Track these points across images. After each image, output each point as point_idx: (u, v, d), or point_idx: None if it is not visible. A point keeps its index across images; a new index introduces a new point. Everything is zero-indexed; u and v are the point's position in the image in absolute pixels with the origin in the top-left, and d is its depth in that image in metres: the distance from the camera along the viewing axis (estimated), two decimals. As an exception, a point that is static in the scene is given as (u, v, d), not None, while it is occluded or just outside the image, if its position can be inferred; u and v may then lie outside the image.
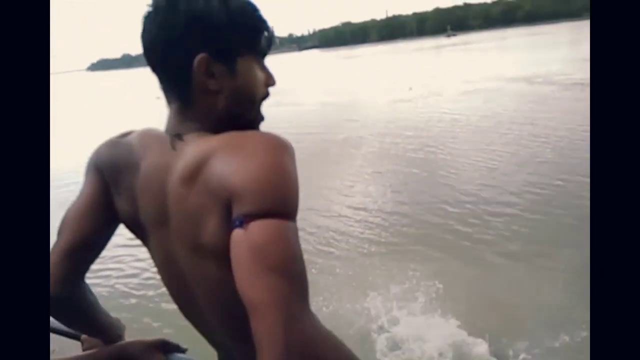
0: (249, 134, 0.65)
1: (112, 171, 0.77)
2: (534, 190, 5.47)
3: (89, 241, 0.79)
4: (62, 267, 0.77)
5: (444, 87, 15.81)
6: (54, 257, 0.77)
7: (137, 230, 0.79)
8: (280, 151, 0.61)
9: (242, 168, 0.59)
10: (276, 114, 11.29)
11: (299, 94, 18.21)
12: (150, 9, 0.69)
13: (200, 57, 0.67)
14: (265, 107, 0.76)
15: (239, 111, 0.72)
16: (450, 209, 5.20)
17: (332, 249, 4.56)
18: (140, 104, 21.10)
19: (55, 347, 1.06)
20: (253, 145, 0.61)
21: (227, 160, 0.61)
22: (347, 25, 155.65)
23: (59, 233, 0.79)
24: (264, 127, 0.76)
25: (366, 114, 12.13)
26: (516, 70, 17.97)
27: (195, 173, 0.64)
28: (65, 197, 1.18)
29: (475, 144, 7.85)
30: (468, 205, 5.24)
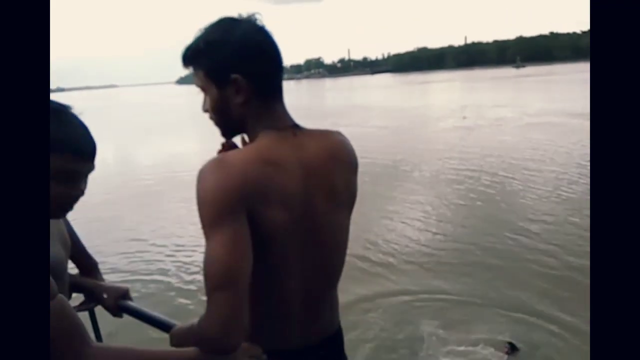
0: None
1: (260, 193, 0.81)
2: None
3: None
4: (243, 316, 0.76)
5: (503, 118, 15.59)
6: (236, 312, 0.75)
7: (275, 227, 0.83)
8: None
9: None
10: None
11: (356, 116, 18.85)
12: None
13: None
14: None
15: None
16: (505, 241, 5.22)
17: (389, 259, 5.01)
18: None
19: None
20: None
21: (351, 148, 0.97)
22: (423, 50, 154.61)
23: (227, 286, 0.75)
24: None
25: (416, 141, 12.40)
26: (586, 105, 17.09)
27: (345, 154, 0.94)
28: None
29: (519, 180, 7.94)
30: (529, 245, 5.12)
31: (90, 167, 0.85)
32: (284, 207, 0.83)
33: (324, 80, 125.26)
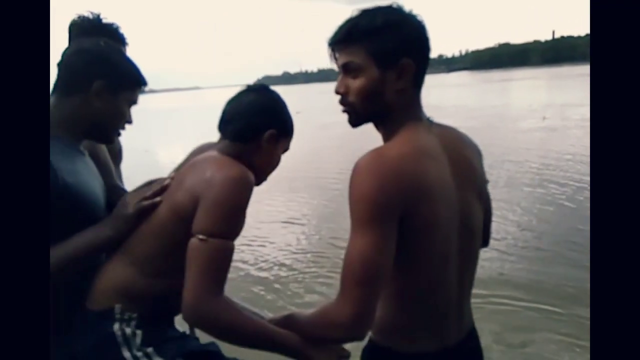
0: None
1: (417, 189, 0.78)
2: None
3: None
4: (375, 312, 0.78)
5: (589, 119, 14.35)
6: (372, 307, 0.77)
7: (436, 221, 0.81)
8: None
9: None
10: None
11: (429, 115, 18.38)
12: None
13: None
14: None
15: None
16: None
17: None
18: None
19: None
20: None
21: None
22: (504, 46, 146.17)
23: (370, 283, 0.76)
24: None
25: (492, 141, 11.89)
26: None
27: (473, 143, 0.98)
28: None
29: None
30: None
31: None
32: (441, 200, 0.81)
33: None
